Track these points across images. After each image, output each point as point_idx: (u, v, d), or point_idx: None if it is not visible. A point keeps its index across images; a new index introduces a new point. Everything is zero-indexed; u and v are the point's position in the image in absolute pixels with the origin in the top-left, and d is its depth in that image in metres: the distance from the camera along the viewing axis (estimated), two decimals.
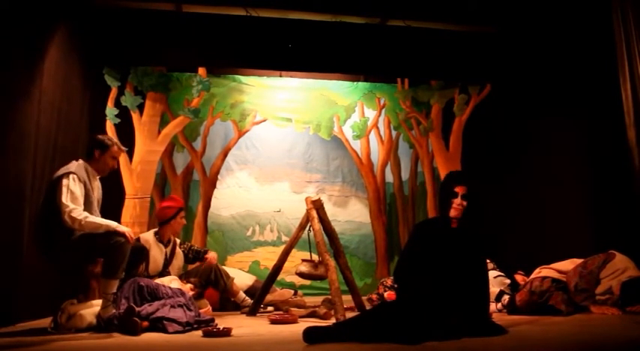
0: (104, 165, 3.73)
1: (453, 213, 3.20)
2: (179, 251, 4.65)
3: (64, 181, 3.45)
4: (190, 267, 4.90)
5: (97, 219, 3.50)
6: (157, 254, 4.47)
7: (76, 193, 3.46)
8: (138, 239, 4.43)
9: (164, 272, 4.46)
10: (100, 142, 3.72)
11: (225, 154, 6.19)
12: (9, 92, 3.82)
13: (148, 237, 4.53)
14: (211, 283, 4.56)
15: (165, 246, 4.56)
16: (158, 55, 5.61)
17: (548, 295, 3.79)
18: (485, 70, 6.10)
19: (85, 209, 3.49)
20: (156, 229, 4.62)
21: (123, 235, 3.43)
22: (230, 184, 6.19)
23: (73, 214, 3.38)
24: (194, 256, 4.79)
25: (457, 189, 3.20)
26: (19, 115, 3.91)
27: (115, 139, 3.87)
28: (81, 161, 3.66)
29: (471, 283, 3.07)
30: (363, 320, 2.95)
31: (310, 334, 2.74)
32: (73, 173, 3.50)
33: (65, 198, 3.41)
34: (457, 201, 3.18)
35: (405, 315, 2.80)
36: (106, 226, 3.44)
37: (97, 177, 3.75)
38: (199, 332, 3.25)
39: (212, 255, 4.77)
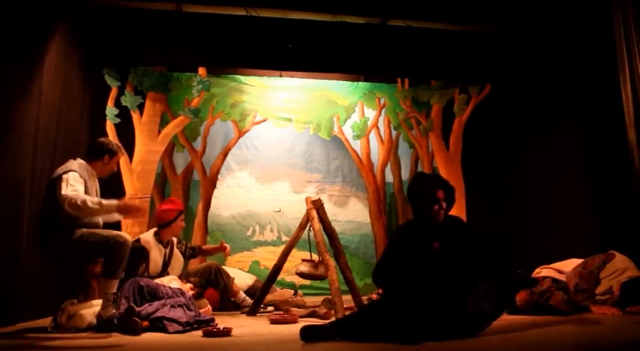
0: (109, 169, 3.80)
1: (439, 218, 3.13)
2: (177, 251, 4.65)
3: (64, 177, 3.45)
4: (190, 266, 4.91)
5: (96, 199, 3.43)
6: (156, 255, 4.47)
7: (76, 187, 3.43)
8: (138, 240, 4.44)
9: (163, 273, 4.46)
10: (111, 148, 3.78)
11: (225, 154, 6.20)
12: (8, 92, 3.81)
13: (148, 238, 4.52)
14: (211, 283, 4.57)
15: (165, 247, 4.56)
16: (158, 55, 5.60)
17: (548, 295, 3.79)
18: (485, 70, 6.09)
19: None
20: (155, 230, 4.61)
21: (122, 235, 3.43)
22: (230, 184, 6.20)
23: (72, 201, 3.32)
24: (190, 253, 4.82)
25: (438, 194, 3.11)
26: (18, 115, 3.91)
27: (119, 144, 3.96)
28: (81, 161, 3.67)
29: (461, 276, 3.02)
30: (359, 319, 2.94)
31: (307, 333, 2.75)
32: (74, 171, 3.50)
33: (64, 190, 3.37)
34: (441, 205, 3.11)
35: (400, 314, 2.80)
36: (106, 205, 3.38)
37: (96, 178, 3.76)
38: (199, 332, 3.26)
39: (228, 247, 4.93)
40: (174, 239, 4.73)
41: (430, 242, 3.07)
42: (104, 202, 3.41)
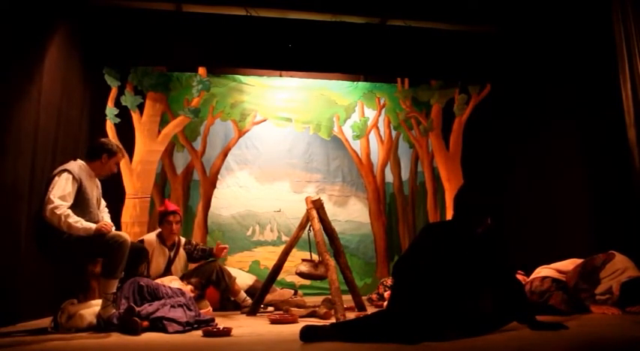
0: (108, 169, 3.82)
1: (476, 234, 3.19)
2: (182, 253, 4.65)
3: (56, 178, 3.50)
4: (191, 265, 4.89)
5: (78, 221, 3.44)
6: (159, 257, 4.47)
7: (66, 191, 3.47)
8: (142, 241, 4.44)
9: (166, 274, 4.46)
10: (110, 148, 3.80)
11: (225, 154, 6.19)
12: (8, 92, 3.80)
13: (152, 239, 4.53)
14: (213, 283, 4.57)
15: (170, 249, 4.56)
16: (158, 55, 5.61)
17: (548, 295, 3.78)
18: (485, 70, 6.10)
19: (78, 208, 3.49)
20: (158, 231, 4.63)
21: (122, 235, 3.43)
22: (230, 183, 6.20)
23: (56, 211, 3.39)
24: (200, 255, 4.77)
25: (487, 221, 3.18)
26: (18, 115, 3.90)
27: (120, 145, 3.99)
28: (80, 161, 3.68)
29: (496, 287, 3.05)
30: (362, 322, 2.97)
31: (307, 333, 2.75)
32: (68, 171, 3.52)
33: (53, 194, 3.43)
34: (485, 229, 3.18)
35: (404, 317, 2.80)
36: (84, 229, 3.42)
37: (96, 178, 3.77)
38: (199, 332, 3.26)
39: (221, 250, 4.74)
40: (183, 240, 4.73)
41: (460, 248, 3.09)
42: (84, 223, 3.43)
